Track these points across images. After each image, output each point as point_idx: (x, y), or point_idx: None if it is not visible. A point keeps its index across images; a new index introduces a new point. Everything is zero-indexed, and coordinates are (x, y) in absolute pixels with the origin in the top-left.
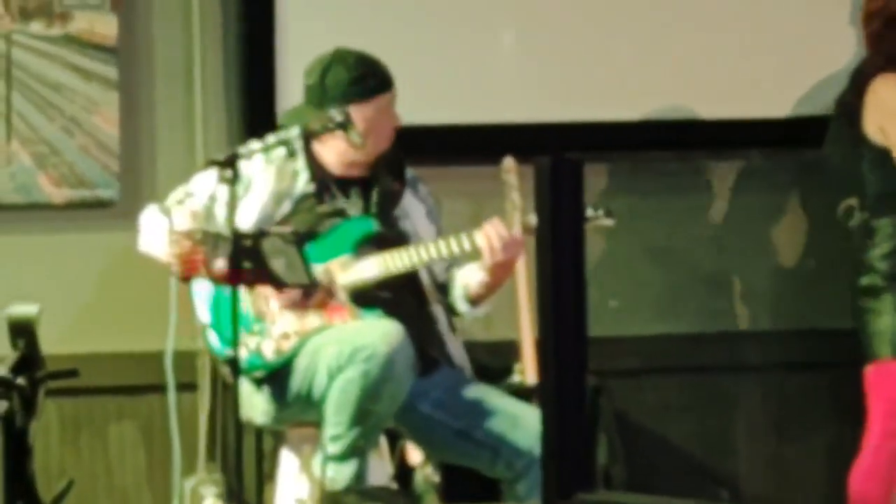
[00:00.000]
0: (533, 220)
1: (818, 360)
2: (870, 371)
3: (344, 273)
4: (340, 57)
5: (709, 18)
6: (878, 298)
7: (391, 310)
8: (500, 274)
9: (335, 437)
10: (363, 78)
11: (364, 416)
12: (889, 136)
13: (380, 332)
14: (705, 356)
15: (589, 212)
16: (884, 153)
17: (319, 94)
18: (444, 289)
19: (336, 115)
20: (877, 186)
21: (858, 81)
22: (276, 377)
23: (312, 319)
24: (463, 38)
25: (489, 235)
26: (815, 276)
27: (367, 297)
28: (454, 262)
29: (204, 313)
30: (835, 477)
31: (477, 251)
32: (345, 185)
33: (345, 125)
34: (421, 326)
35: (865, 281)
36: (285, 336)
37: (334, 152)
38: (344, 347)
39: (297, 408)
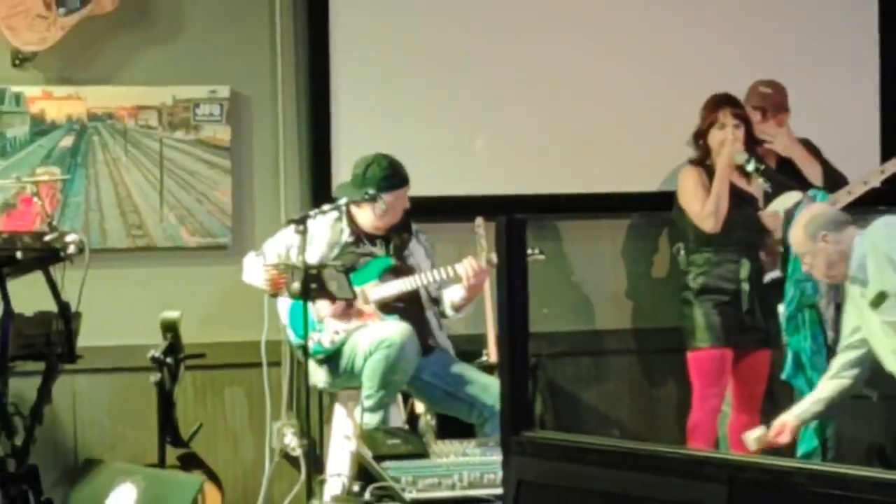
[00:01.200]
0: (494, 257)
1: (667, 347)
2: (690, 356)
3: (373, 292)
4: (377, 159)
5: (613, 125)
6: (691, 306)
7: (403, 315)
8: (474, 292)
9: (368, 396)
10: (391, 177)
11: (387, 383)
12: (682, 206)
13: (396, 330)
14: (604, 344)
15: (529, 251)
16: None
17: (361, 181)
18: (436, 301)
19: (370, 192)
20: (692, 235)
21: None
22: (331, 358)
23: (353, 322)
24: (452, 141)
25: (466, 267)
26: (671, 291)
27: (388, 307)
28: (443, 284)
29: (285, 317)
30: (680, 419)
31: (458, 277)
32: (371, 237)
33: (374, 198)
34: (421, 325)
35: (685, 294)
36: (336, 332)
37: (365, 217)
38: (373, 339)
39: (344, 377)
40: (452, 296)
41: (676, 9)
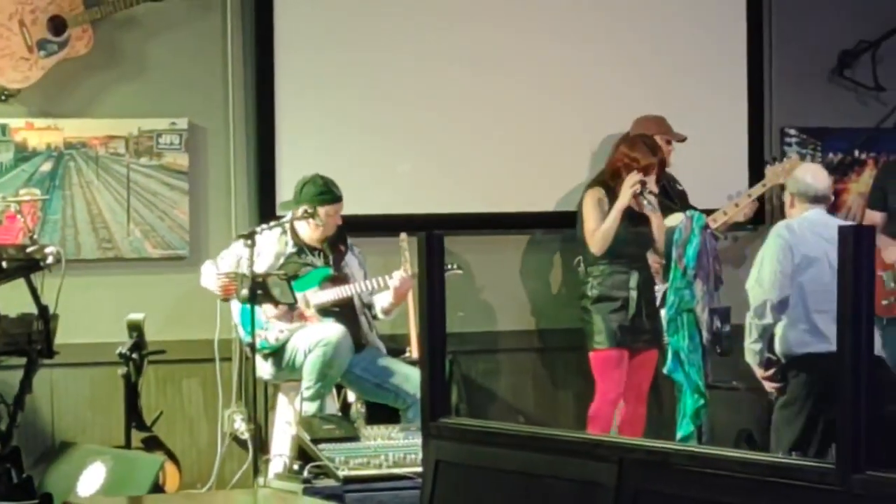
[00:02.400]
0: (416, 269)
1: (563, 345)
2: (592, 356)
3: (313, 297)
4: (313, 179)
5: (516, 154)
6: (589, 313)
7: (339, 318)
8: (400, 298)
9: (307, 388)
10: (323, 193)
11: (323, 376)
12: (583, 225)
13: (333, 330)
14: (509, 343)
15: (448, 266)
16: None
17: (298, 198)
18: (368, 306)
19: (309, 210)
20: (589, 250)
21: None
22: (275, 354)
23: (295, 323)
24: (380, 166)
25: (394, 278)
26: (576, 297)
27: (326, 311)
28: (374, 291)
29: (236, 318)
30: (577, 407)
31: (387, 286)
32: (312, 249)
33: (313, 215)
34: (355, 326)
35: (584, 302)
36: (280, 331)
37: (306, 231)
38: (312, 339)
39: (286, 371)
40: (383, 302)
41: (574, 49)
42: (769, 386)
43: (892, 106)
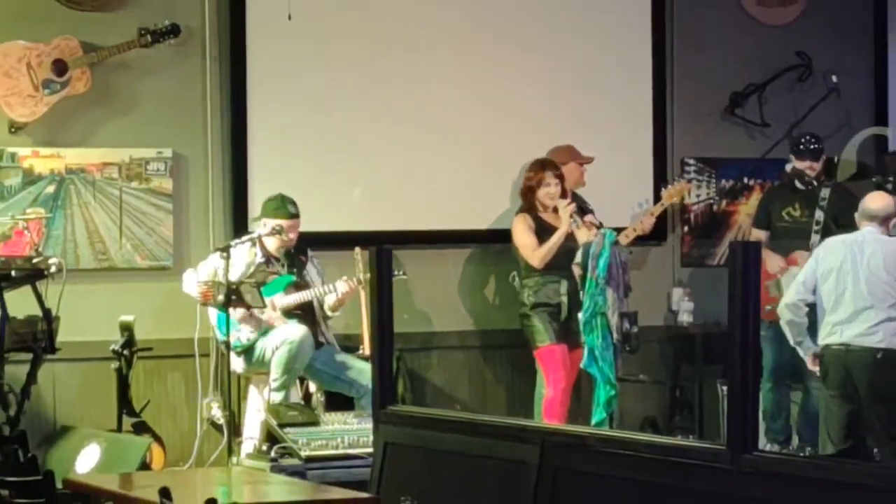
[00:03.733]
0: (367, 277)
1: (512, 343)
2: (537, 352)
3: (279, 301)
4: (275, 197)
5: (456, 180)
6: (529, 318)
7: (301, 319)
8: (342, 301)
9: (275, 380)
10: (279, 208)
11: (288, 370)
12: (516, 245)
13: (296, 331)
14: (451, 341)
15: (395, 272)
16: None
17: (263, 214)
18: (324, 310)
19: (276, 227)
20: (524, 265)
21: None
22: (247, 351)
23: (264, 324)
24: (338, 189)
25: (342, 285)
26: (506, 303)
27: (290, 313)
28: (327, 293)
29: (213, 320)
30: (508, 396)
31: (335, 290)
32: (276, 259)
33: (280, 232)
34: (314, 327)
35: (523, 310)
36: (251, 332)
37: (271, 243)
38: (279, 338)
39: (256, 365)
40: (329, 301)
41: (502, 87)
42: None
43: (775, 140)
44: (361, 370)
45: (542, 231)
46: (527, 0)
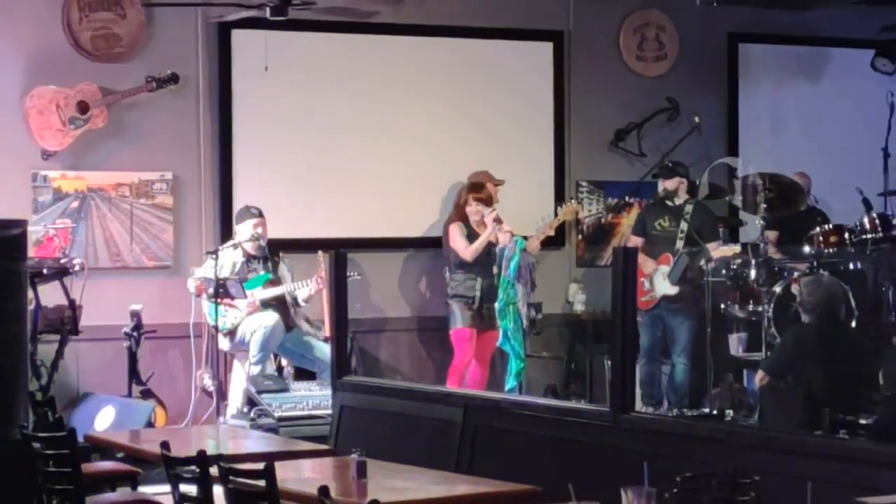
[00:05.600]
0: (327, 275)
1: (441, 326)
2: (452, 333)
3: (258, 294)
4: (241, 209)
5: (396, 194)
6: (450, 305)
7: (276, 308)
8: (317, 291)
9: (253, 356)
10: (246, 212)
11: (263, 349)
12: (451, 247)
13: (270, 318)
14: (394, 325)
15: (350, 274)
16: None
17: (236, 224)
18: (295, 298)
19: (254, 234)
20: (453, 264)
21: None
22: (231, 333)
23: (245, 312)
24: (306, 202)
25: (313, 281)
26: (435, 295)
27: (267, 303)
28: (298, 289)
29: (205, 308)
30: (438, 370)
31: (306, 286)
32: (256, 258)
33: (257, 238)
34: (286, 314)
35: (447, 300)
36: (234, 317)
37: (250, 246)
38: (256, 323)
39: (238, 345)
40: (303, 295)
41: (433, 121)
42: None
43: (650, 167)
44: (322, 350)
45: (472, 236)
46: (455, 57)
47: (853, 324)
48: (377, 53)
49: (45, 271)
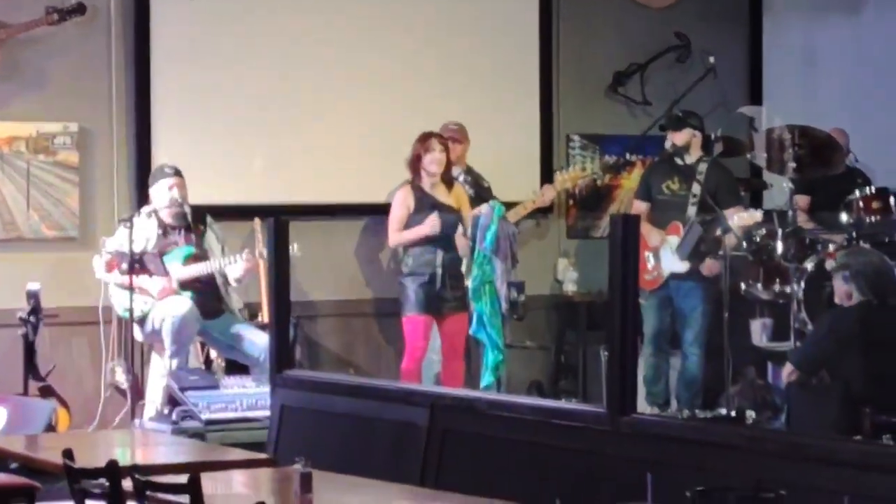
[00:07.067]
0: (266, 250)
1: (387, 312)
2: (404, 320)
3: (177, 273)
4: (156, 168)
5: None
6: (403, 286)
7: (199, 289)
8: (247, 272)
9: (169, 348)
10: (159, 172)
11: (177, 340)
12: None
13: (180, 305)
14: (346, 309)
15: (291, 249)
16: None
17: (150, 186)
18: (225, 277)
19: (173, 199)
20: None
21: None
22: (142, 321)
23: (157, 297)
24: (239, 162)
25: (245, 254)
26: (391, 273)
27: (186, 284)
28: (228, 265)
29: (111, 291)
30: (397, 363)
31: (238, 261)
32: (174, 228)
33: (181, 205)
34: (216, 294)
35: (400, 278)
36: (145, 303)
37: (167, 213)
38: (166, 311)
39: (151, 335)
40: (235, 273)
41: (396, 65)
42: None
43: (656, 117)
44: (254, 342)
45: (423, 204)
46: None
47: None
48: None
49: None
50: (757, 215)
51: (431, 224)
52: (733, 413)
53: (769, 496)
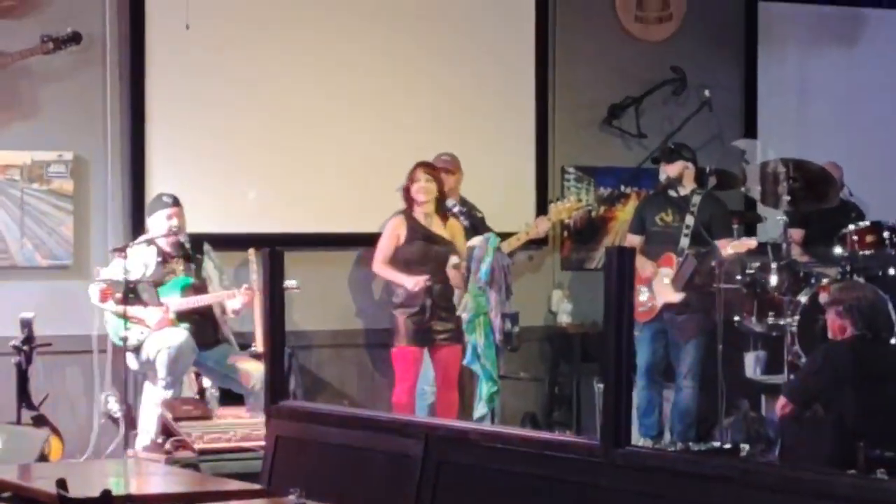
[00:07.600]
0: (261, 280)
1: (380, 342)
2: (393, 352)
3: (172, 304)
4: (154, 197)
5: (346, 187)
6: (394, 317)
7: (195, 320)
8: (247, 304)
9: (161, 379)
10: (157, 201)
11: (171, 371)
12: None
13: (177, 336)
14: (340, 339)
15: (289, 282)
16: None
17: (147, 216)
18: (223, 307)
19: (171, 227)
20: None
21: None
22: (136, 351)
23: (153, 327)
24: (234, 193)
25: (243, 289)
26: (384, 303)
27: (183, 315)
28: (227, 298)
29: (107, 320)
30: (390, 393)
31: (235, 295)
32: (173, 257)
33: (177, 233)
34: (213, 324)
35: (392, 309)
36: (141, 332)
37: (166, 242)
38: (161, 343)
39: (145, 365)
40: (234, 305)
41: (390, 99)
42: None
43: (651, 150)
44: (249, 372)
45: (415, 234)
46: (414, 12)
47: (894, 341)
48: (326, 11)
49: None
50: (751, 242)
51: (414, 282)
52: (727, 445)
53: None
